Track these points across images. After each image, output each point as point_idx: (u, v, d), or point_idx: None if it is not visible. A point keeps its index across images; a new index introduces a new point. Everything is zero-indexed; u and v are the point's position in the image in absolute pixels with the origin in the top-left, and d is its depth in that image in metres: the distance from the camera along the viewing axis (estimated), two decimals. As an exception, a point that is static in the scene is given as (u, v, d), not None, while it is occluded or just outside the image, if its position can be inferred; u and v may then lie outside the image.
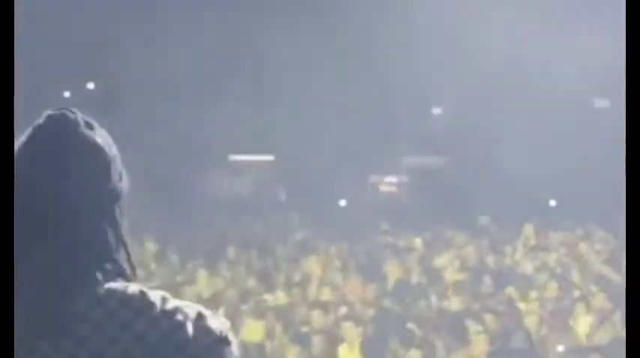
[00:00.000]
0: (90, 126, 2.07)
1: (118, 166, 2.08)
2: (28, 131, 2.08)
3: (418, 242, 13.68)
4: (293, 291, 11.09)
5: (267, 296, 10.96)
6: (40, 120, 2.07)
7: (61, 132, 2.05)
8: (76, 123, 2.05)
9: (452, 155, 21.98)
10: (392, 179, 24.92)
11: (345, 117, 20.42)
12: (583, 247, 13.28)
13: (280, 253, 13.96)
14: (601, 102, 22.26)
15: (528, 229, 14.55)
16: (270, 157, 23.97)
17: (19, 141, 2.08)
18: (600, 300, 10.10)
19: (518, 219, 15.49)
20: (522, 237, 14.45)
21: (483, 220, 16.47)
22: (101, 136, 2.08)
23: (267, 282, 11.78)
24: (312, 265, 11.97)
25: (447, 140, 21.60)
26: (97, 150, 2.04)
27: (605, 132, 20.21)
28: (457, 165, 21.40)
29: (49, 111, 2.10)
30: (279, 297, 10.96)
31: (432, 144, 22.01)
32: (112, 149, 2.08)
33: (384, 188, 25.04)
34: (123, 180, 2.08)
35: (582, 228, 15.45)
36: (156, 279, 12.11)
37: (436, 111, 23.66)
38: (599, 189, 17.91)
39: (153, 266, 13.50)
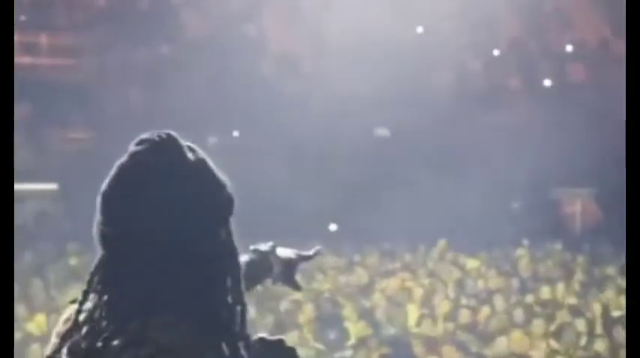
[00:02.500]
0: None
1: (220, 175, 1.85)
2: (129, 157, 1.84)
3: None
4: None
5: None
6: (143, 145, 1.81)
7: (165, 153, 1.85)
8: (174, 141, 1.85)
9: (235, 183, 22.13)
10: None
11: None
12: (359, 271, 13.69)
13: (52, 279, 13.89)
14: (382, 132, 22.98)
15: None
16: (53, 186, 23.44)
17: (120, 169, 1.82)
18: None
19: (299, 244, 15.78)
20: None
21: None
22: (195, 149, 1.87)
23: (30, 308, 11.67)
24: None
25: (229, 169, 21.73)
26: (199, 163, 1.85)
27: (384, 159, 20.92)
28: (242, 193, 21.56)
29: (147, 136, 1.84)
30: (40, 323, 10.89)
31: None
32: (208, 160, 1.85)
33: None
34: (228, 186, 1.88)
35: (360, 252, 15.93)
36: None
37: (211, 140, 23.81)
38: (376, 213, 18.49)
39: None
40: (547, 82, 24.08)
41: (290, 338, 9.62)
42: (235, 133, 22.93)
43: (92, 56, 22.79)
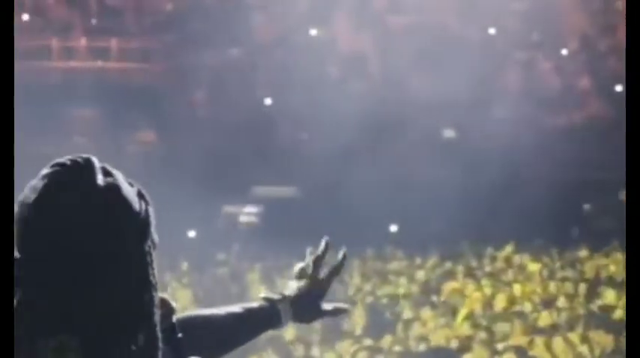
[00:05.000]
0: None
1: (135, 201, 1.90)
2: (37, 184, 1.86)
3: (255, 273, 13.86)
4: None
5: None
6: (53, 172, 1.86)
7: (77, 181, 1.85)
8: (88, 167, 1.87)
9: (302, 184, 22.23)
10: (251, 209, 24.96)
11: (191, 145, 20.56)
12: (420, 274, 13.62)
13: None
14: (449, 133, 22.87)
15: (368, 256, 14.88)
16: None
17: (26, 196, 1.87)
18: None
19: (361, 246, 15.87)
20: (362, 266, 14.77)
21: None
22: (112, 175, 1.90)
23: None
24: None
25: (297, 169, 21.80)
26: (110, 193, 1.87)
27: (451, 162, 20.81)
28: (308, 194, 21.66)
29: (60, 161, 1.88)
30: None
31: (280, 174, 22.17)
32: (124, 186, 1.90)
33: (243, 218, 25.05)
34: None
35: (422, 255, 15.86)
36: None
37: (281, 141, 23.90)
38: (438, 216, 18.41)
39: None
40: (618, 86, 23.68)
41: (342, 345, 9.60)
42: (304, 135, 23.01)
43: (162, 60, 23.08)
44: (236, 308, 2.64)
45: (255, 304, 2.63)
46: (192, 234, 21.35)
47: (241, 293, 12.79)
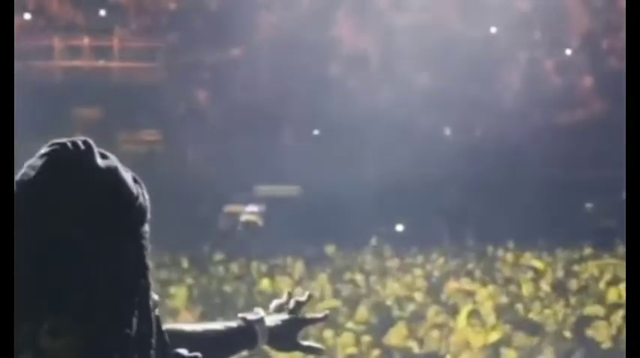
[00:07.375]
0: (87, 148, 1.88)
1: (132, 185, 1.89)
2: (35, 163, 1.86)
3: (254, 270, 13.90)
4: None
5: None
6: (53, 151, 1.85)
7: (73, 162, 1.85)
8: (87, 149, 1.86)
9: (304, 184, 22.23)
10: (254, 208, 24.92)
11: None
12: (418, 272, 13.66)
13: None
14: (451, 132, 22.91)
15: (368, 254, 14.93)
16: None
17: (26, 174, 1.85)
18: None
19: (363, 245, 15.91)
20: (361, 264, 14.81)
21: (330, 249, 16.83)
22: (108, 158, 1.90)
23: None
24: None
25: (299, 168, 21.82)
26: (109, 175, 1.86)
27: (453, 161, 20.82)
28: (311, 193, 21.67)
29: (55, 142, 1.87)
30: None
31: (283, 173, 22.18)
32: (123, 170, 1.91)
33: (245, 217, 25.00)
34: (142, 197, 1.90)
35: (424, 253, 15.89)
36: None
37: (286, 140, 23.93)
38: (441, 215, 18.44)
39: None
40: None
41: (345, 339, 9.60)
42: (315, 132, 23.01)
43: (165, 59, 23.11)
44: (214, 325, 2.68)
45: (233, 323, 2.66)
46: (193, 232, 21.35)
47: (245, 293, 12.81)
